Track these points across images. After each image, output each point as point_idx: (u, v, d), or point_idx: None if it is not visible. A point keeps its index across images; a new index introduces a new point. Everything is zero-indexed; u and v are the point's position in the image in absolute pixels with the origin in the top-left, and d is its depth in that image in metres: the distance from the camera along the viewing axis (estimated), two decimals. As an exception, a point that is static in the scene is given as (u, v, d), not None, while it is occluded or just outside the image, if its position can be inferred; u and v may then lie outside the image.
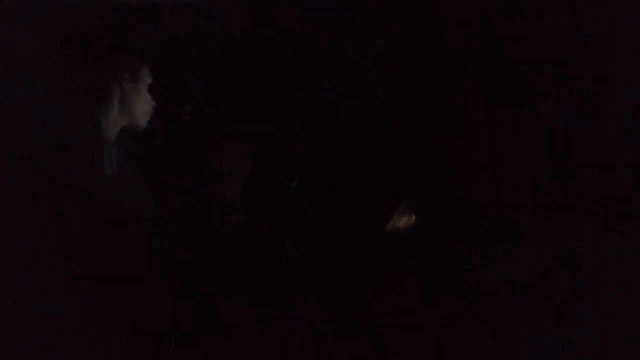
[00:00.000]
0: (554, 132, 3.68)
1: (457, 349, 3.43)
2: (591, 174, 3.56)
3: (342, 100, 3.64)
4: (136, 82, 2.45)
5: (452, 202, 3.78)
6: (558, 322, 3.44)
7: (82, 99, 2.35)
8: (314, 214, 3.59)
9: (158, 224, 2.52)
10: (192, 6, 3.05)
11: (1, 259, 2.17)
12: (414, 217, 3.70)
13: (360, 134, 3.77)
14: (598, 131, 3.55)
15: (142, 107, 2.49)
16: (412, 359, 3.43)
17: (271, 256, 3.30)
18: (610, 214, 3.47)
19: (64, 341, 2.15)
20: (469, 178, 3.76)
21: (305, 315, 3.23)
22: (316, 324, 3.29)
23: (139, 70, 2.48)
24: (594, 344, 3.27)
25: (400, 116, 3.79)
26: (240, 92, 3.46)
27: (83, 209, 2.20)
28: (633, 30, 3.29)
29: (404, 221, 3.72)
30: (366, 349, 3.43)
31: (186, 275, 2.64)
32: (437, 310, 3.57)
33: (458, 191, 3.77)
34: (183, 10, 3.03)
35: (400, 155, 3.81)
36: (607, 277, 3.38)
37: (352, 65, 3.53)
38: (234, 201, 3.41)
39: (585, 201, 3.58)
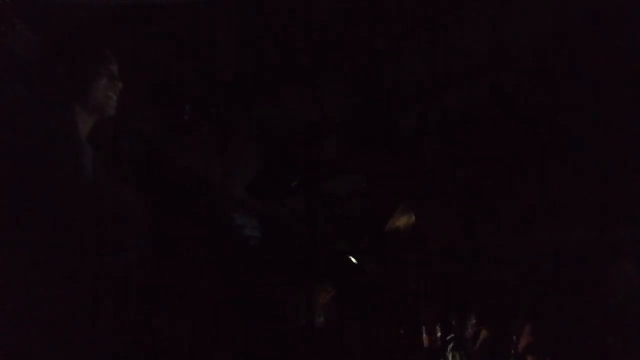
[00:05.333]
0: (554, 130, 3.69)
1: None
2: (591, 174, 3.56)
3: (343, 102, 3.63)
4: (110, 82, 2.41)
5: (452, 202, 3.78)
6: (557, 320, 3.45)
7: (55, 97, 2.33)
8: (314, 214, 3.58)
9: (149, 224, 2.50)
10: (193, 6, 3.04)
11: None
12: (413, 217, 3.70)
13: (361, 135, 3.77)
14: (596, 130, 3.56)
15: (117, 106, 2.45)
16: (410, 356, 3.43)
17: (273, 252, 3.29)
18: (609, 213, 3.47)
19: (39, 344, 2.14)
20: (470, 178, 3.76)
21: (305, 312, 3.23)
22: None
23: (114, 69, 2.43)
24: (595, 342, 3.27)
25: (401, 116, 3.79)
26: (243, 93, 3.45)
27: (62, 209, 2.18)
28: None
29: (404, 221, 3.72)
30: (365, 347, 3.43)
31: (184, 275, 2.63)
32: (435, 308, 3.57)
33: (458, 191, 3.76)
34: (183, 10, 3.02)
35: (401, 155, 3.81)
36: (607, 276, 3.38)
37: (354, 65, 3.52)
38: (240, 200, 3.40)
39: (585, 201, 3.58)
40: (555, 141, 3.66)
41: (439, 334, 4.15)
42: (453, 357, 4.05)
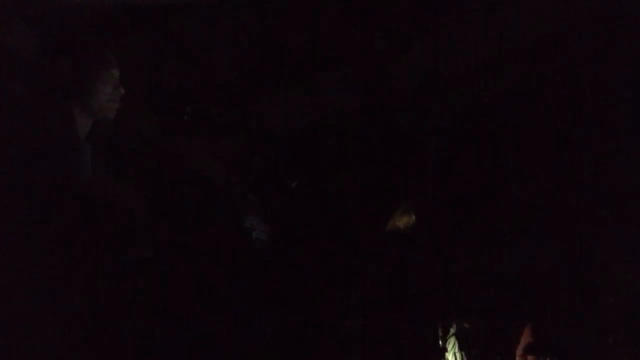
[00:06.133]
0: (551, 132, 3.69)
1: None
2: (591, 173, 3.57)
3: (343, 101, 3.63)
4: (110, 82, 2.41)
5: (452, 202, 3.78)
6: (557, 320, 3.45)
7: (54, 96, 2.32)
8: (314, 214, 3.58)
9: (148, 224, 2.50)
10: (192, 6, 3.04)
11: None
12: (414, 217, 3.70)
13: (361, 137, 3.77)
14: (593, 132, 3.56)
15: (117, 106, 2.45)
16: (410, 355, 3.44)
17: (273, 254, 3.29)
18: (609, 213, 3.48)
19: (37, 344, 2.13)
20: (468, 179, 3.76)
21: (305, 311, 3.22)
22: (316, 322, 3.29)
23: (114, 69, 2.43)
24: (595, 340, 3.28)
25: (402, 116, 3.79)
26: (244, 93, 3.45)
27: (61, 208, 2.17)
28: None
29: (404, 221, 3.72)
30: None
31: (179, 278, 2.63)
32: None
33: (458, 192, 3.77)
34: (182, 10, 3.02)
35: (402, 157, 3.80)
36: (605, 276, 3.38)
37: (355, 66, 3.52)
38: (247, 201, 3.40)
39: (582, 202, 3.59)
40: (555, 139, 3.66)
41: (440, 334, 4.16)
42: (454, 356, 4.06)
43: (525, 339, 3.52)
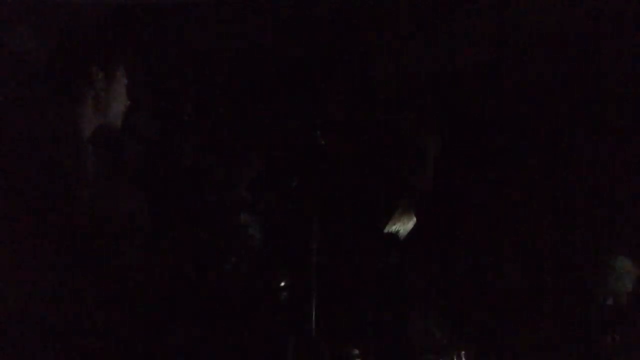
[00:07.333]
0: (549, 135, 3.70)
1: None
2: (590, 173, 3.57)
3: (342, 103, 3.64)
4: (112, 82, 2.41)
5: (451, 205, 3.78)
6: (556, 319, 3.45)
7: (57, 98, 2.33)
8: (314, 214, 3.59)
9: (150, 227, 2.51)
10: (192, 8, 3.05)
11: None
12: (414, 217, 3.70)
13: (360, 137, 3.78)
14: (593, 132, 3.57)
15: (119, 107, 2.45)
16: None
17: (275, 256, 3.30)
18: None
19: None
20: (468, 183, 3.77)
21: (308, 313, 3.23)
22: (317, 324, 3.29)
23: (116, 70, 2.43)
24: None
25: (401, 116, 3.80)
26: (243, 96, 3.46)
27: (61, 210, 2.18)
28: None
29: (403, 221, 3.73)
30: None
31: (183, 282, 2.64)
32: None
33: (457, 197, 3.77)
34: (181, 10, 3.03)
35: (401, 155, 3.81)
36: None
37: (353, 68, 3.53)
38: (243, 199, 3.41)
39: (584, 199, 3.59)
40: (555, 139, 3.67)
41: (441, 334, 4.16)
42: (457, 356, 4.06)
43: (525, 338, 3.52)
